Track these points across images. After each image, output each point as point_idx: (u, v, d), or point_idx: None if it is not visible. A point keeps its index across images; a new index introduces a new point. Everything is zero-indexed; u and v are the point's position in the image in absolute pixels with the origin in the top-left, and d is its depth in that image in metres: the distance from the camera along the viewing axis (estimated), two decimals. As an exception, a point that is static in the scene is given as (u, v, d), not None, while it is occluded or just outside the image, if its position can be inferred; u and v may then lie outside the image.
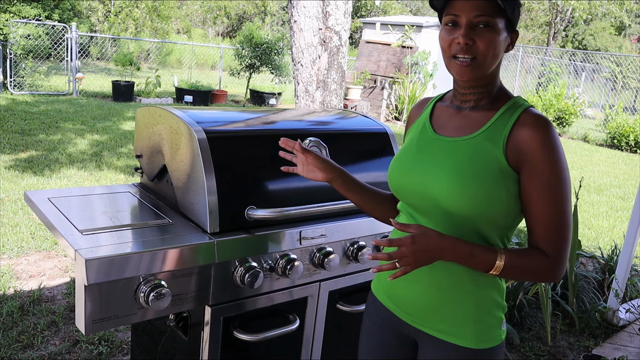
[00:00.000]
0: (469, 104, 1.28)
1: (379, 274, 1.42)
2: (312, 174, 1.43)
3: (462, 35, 1.17)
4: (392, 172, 1.36)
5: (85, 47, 14.81)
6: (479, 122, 1.25)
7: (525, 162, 1.17)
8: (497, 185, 1.18)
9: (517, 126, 1.19)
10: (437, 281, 1.26)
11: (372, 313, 1.46)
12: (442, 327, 1.28)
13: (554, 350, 3.14)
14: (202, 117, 1.77)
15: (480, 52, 1.17)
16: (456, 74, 1.21)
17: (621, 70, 16.05)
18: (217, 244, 1.55)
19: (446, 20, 1.21)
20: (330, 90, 4.07)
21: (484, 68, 1.20)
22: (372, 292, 1.47)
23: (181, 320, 1.73)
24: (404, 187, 1.31)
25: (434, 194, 1.22)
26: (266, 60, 12.18)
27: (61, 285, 3.34)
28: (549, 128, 1.17)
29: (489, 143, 1.20)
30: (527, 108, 1.22)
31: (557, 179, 1.16)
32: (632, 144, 11.34)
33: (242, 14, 27.28)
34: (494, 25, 1.17)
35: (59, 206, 1.72)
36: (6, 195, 4.77)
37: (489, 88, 1.26)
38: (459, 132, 1.27)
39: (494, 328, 1.28)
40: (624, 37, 30.49)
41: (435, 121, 1.34)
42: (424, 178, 1.25)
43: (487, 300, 1.27)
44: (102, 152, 6.64)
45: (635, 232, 3.41)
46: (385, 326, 1.41)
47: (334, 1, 3.93)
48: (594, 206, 6.61)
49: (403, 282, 1.31)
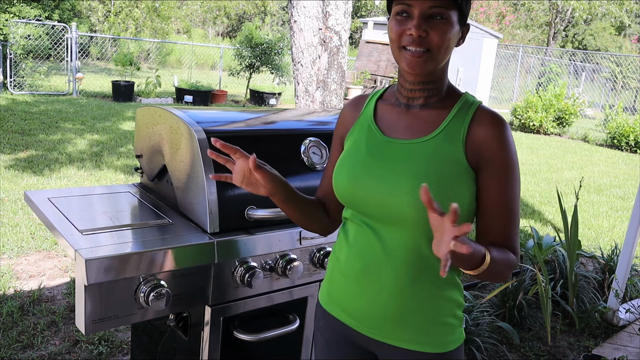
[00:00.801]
0: (418, 101, 1.21)
1: (329, 286, 1.33)
2: (252, 187, 1.24)
3: (415, 27, 1.11)
4: (341, 181, 1.24)
5: (85, 47, 14.81)
6: (433, 122, 1.19)
7: (485, 160, 1.15)
8: (461, 186, 1.14)
9: (474, 125, 1.16)
10: (400, 289, 1.19)
11: (325, 329, 1.36)
12: (407, 336, 1.22)
13: (554, 350, 3.14)
14: (202, 117, 1.77)
15: (434, 45, 1.12)
16: (407, 66, 1.14)
17: (621, 70, 16.06)
18: (217, 244, 1.55)
19: (397, 9, 1.15)
20: (330, 90, 4.07)
21: (436, 61, 1.15)
22: (322, 307, 1.36)
23: (181, 320, 1.74)
24: (358, 196, 1.21)
25: (395, 202, 1.15)
26: (266, 60, 12.19)
27: (61, 285, 3.34)
28: (505, 125, 1.17)
29: (447, 144, 1.16)
30: (479, 105, 1.19)
31: (513, 175, 1.17)
32: (632, 144, 11.34)
33: (242, 14, 27.29)
34: (447, 18, 1.12)
35: (59, 206, 1.72)
36: (6, 195, 4.77)
37: (439, 84, 1.21)
38: (412, 133, 1.20)
39: (456, 328, 1.25)
40: (624, 37, 30.49)
41: (381, 122, 1.25)
42: (381, 185, 1.17)
43: (449, 301, 1.23)
44: (102, 152, 6.65)
45: (635, 232, 3.41)
46: (342, 342, 1.32)
47: (334, 1, 3.93)
48: (594, 206, 6.61)
49: (362, 294, 1.23)
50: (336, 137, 1.37)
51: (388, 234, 1.19)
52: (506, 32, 23.71)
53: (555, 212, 6.17)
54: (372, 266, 1.21)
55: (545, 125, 12.34)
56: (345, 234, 1.29)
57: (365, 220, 1.23)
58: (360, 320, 1.26)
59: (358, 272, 1.23)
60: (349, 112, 1.35)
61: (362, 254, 1.23)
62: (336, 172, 1.26)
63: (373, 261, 1.21)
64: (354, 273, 1.24)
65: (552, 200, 6.65)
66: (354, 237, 1.25)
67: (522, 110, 12.62)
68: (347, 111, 1.35)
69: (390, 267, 1.19)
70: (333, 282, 1.31)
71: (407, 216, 1.15)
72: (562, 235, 5.05)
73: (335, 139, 1.38)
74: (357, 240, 1.24)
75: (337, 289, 1.30)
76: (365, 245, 1.22)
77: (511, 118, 13.23)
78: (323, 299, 1.36)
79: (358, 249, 1.24)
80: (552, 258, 3.83)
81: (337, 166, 1.27)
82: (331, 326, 1.33)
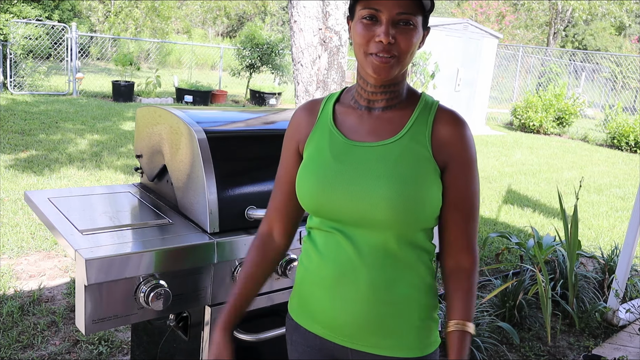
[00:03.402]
0: (380, 104, 1.20)
1: (299, 299, 1.29)
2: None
3: (384, 34, 1.10)
4: (307, 189, 1.20)
5: (85, 47, 14.82)
6: (397, 123, 1.19)
7: (450, 158, 1.17)
8: (433, 185, 1.15)
9: (438, 124, 1.18)
10: (377, 296, 1.17)
11: (298, 343, 1.31)
12: (387, 342, 1.20)
13: (554, 350, 3.14)
14: (202, 117, 1.77)
15: (401, 51, 1.12)
16: (373, 72, 1.13)
17: (621, 70, 16.06)
18: (217, 244, 1.55)
19: (363, 13, 1.13)
20: (330, 90, 4.07)
21: (402, 66, 1.15)
22: (293, 320, 1.32)
23: (181, 320, 1.74)
24: (327, 203, 1.17)
25: (368, 205, 1.13)
26: (267, 60, 12.19)
27: (61, 285, 3.34)
28: (466, 124, 1.20)
29: (414, 144, 1.16)
30: (439, 105, 1.21)
31: (475, 172, 1.20)
32: (632, 144, 11.34)
33: (242, 14, 27.29)
34: (414, 23, 1.12)
35: (59, 206, 1.72)
36: (6, 195, 4.77)
37: (400, 87, 1.20)
38: (376, 136, 1.19)
39: (433, 330, 1.25)
40: (624, 37, 30.50)
41: (342, 126, 1.23)
42: (352, 190, 1.15)
43: (425, 303, 1.22)
44: (102, 152, 6.65)
45: (635, 232, 3.41)
46: (317, 354, 1.28)
47: (334, 1, 3.93)
48: (594, 206, 6.61)
49: (336, 302, 1.20)
50: (289, 144, 1.30)
51: (361, 237, 1.17)
52: (506, 32, 23.71)
53: (555, 212, 6.17)
54: (346, 272, 1.18)
55: (545, 125, 12.34)
56: (312, 244, 1.25)
57: (334, 225, 1.20)
58: (336, 330, 1.22)
59: (332, 280, 1.20)
60: (304, 117, 1.29)
61: (334, 260, 1.20)
62: (301, 180, 1.22)
63: (347, 266, 1.18)
64: (327, 282, 1.21)
65: (552, 200, 6.66)
66: (323, 245, 1.22)
67: (522, 110, 12.62)
68: (301, 116, 1.29)
69: (366, 270, 1.17)
70: (303, 293, 1.28)
71: (381, 219, 1.14)
72: (562, 235, 5.05)
73: (287, 146, 1.31)
74: (327, 248, 1.21)
75: (308, 300, 1.27)
76: (337, 252, 1.19)
77: (511, 118, 13.24)
78: (293, 311, 1.32)
79: (329, 256, 1.20)
80: (552, 258, 3.83)
81: (301, 175, 1.22)
82: (305, 340, 1.29)
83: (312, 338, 1.27)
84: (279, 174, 1.33)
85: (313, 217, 1.26)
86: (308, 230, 1.29)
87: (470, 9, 23.77)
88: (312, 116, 1.28)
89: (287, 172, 1.30)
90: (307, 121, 1.28)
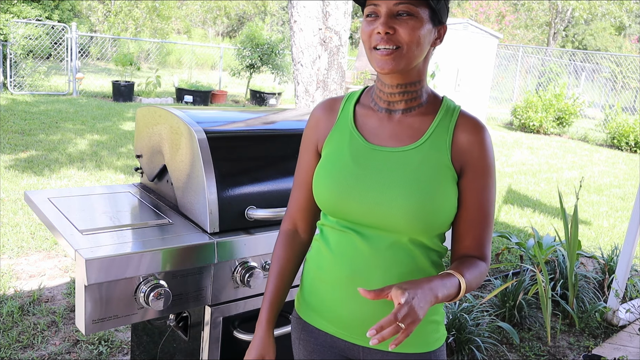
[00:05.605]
0: (399, 105, 1.19)
1: (308, 297, 1.30)
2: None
3: (381, 24, 1.09)
4: (324, 191, 1.20)
5: (85, 47, 14.81)
6: (418, 129, 1.18)
7: (468, 165, 1.16)
8: (450, 192, 1.15)
9: (459, 131, 1.17)
10: None
11: (307, 341, 1.31)
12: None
13: (554, 350, 3.14)
14: (202, 117, 1.78)
15: (403, 41, 1.10)
16: (377, 66, 1.12)
17: (621, 70, 16.05)
18: (217, 244, 1.55)
19: (367, 11, 1.14)
20: (330, 90, 4.07)
21: (407, 58, 1.11)
22: (301, 318, 1.32)
23: (181, 320, 1.74)
24: (344, 206, 1.18)
25: (386, 211, 1.14)
26: (267, 60, 12.19)
27: (61, 285, 3.35)
28: (486, 131, 1.19)
29: (434, 151, 1.16)
30: (461, 111, 1.20)
31: (492, 180, 1.19)
32: (632, 144, 11.34)
33: (242, 14, 27.29)
34: (416, 14, 1.10)
35: (59, 206, 1.72)
36: (6, 195, 4.77)
37: (417, 88, 1.18)
38: (397, 141, 1.18)
39: (441, 325, 1.25)
40: (624, 37, 30.50)
41: (363, 128, 1.22)
42: (371, 195, 1.15)
43: None
44: (102, 152, 6.65)
45: (635, 232, 3.41)
46: (327, 352, 1.29)
47: (334, 1, 3.93)
48: (594, 206, 6.61)
49: (349, 301, 1.20)
50: (308, 144, 1.30)
51: (376, 238, 1.17)
52: (506, 32, 23.70)
53: (555, 212, 6.17)
54: (360, 271, 1.18)
55: (545, 125, 12.34)
56: (325, 242, 1.25)
57: (349, 225, 1.20)
58: (348, 329, 1.23)
59: (345, 278, 1.20)
60: (323, 116, 1.28)
61: (348, 259, 1.20)
62: (318, 180, 1.22)
63: (361, 265, 1.18)
64: (341, 280, 1.21)
65: (552, 200, 6.66)
66: (336, 244, 1.22)
67: (522, 110, 12.62)
68: (320, 115, 1.29)
69: (380, 269, 1.17)
70: (314, 291, 1.28)
71: (398, 223, 1.14)
72: (562, 235, 5.05)
73: (306, 146, 1.30)
74: (340, 247, 1.21)
75: (318, 298, 1.27)
76: (351, 251, 1.20)
77: (511, 118, 13.23)
78: (301, 309, 1.33)
79: (343, 255, 1.21)
80: (552, 258, 3.83)
81: (319, 174, 1.22)
82: (315, 338, 1.30)
83: (322, 336, 1.28)
84: (299, 175, 1.33)
85: (327, 216, 1.26)
86: (320, 228, 1.29)
87: (471, 9, 23.74)
88: (332, 115, 1.27)
89: (307, 173, 1.30)
90: (327, 120, 1.27)
